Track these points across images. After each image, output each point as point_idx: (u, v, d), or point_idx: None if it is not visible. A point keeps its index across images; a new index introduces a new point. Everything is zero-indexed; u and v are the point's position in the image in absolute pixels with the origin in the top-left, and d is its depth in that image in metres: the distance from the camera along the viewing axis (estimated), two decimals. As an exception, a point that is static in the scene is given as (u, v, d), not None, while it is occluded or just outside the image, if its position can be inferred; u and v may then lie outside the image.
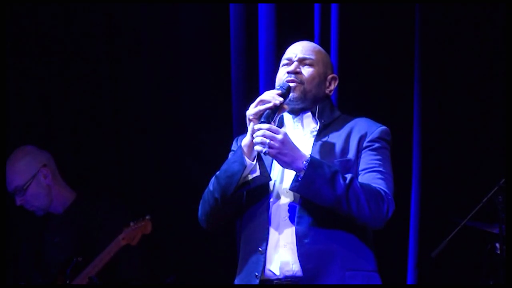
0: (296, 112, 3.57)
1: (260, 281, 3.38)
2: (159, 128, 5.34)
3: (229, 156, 3.63)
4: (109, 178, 5.35)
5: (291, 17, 4.92)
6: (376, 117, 3.58)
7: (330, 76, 3.61)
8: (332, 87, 3.61)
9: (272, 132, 3.31)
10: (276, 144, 3.30)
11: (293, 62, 3.57)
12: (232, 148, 3.67)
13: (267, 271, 3.39)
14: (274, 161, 3.44)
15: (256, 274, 3.39)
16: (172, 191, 5.26)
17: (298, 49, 3.61)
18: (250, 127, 3.41)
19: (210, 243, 5.04)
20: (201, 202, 3.55)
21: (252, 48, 4.99)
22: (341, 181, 3.31)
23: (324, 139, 3.50)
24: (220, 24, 5.12)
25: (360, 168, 3.45)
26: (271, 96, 3.40)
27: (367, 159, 3.45)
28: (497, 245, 4.07)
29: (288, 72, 3.54)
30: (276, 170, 3.49)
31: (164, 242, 5.14)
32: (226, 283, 3.75)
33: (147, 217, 4.78)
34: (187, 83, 5.30)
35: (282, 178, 3.47)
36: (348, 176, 3.34)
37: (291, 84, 3.50)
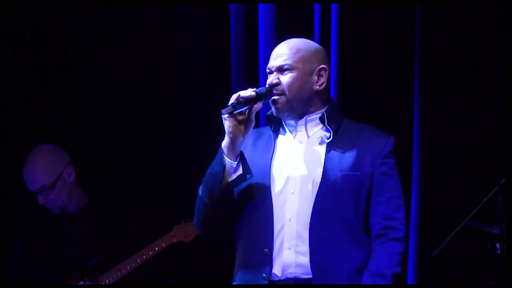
0: (297, 116, 3.51)
1: (268, 281, 3.37)
2: (158, 128, 5.34)
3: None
4: (108, 179, 5.34)
5: (291, 17, 4.91)
6: (376, 117, 3.59)
7: (317, 69, 3.49)
8: (323, 79, 3.48)
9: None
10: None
11: (272, 72, 3.50)
12: None
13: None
14: (276, 166, 3.44)
15: (264, 275, 3.37)
16: (172, 192, 5.26)
17: (275, 56, 3.51)
18: (226, 125, 3.41)
19: (210, 243, 5.04)
20: (195, 209, 3.54)
21: (252, 48, 4.99)
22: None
23: (336, 149, 3.44)
24: (220, 24, 5.12)
25: (379, 190, 3.41)
26: (245, 91, 3.40)
27: (386, 182, 3.42)
28: (497, 245, 4.07)
29: (268, 85, 3.49)
30: (277, 173, 3.46)
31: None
32: (226, 283, 3.74)
33: None
34: (187, 83, 5.30)
35: (287, 180, 3.43)
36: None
37: (275, 97, 3.46)
